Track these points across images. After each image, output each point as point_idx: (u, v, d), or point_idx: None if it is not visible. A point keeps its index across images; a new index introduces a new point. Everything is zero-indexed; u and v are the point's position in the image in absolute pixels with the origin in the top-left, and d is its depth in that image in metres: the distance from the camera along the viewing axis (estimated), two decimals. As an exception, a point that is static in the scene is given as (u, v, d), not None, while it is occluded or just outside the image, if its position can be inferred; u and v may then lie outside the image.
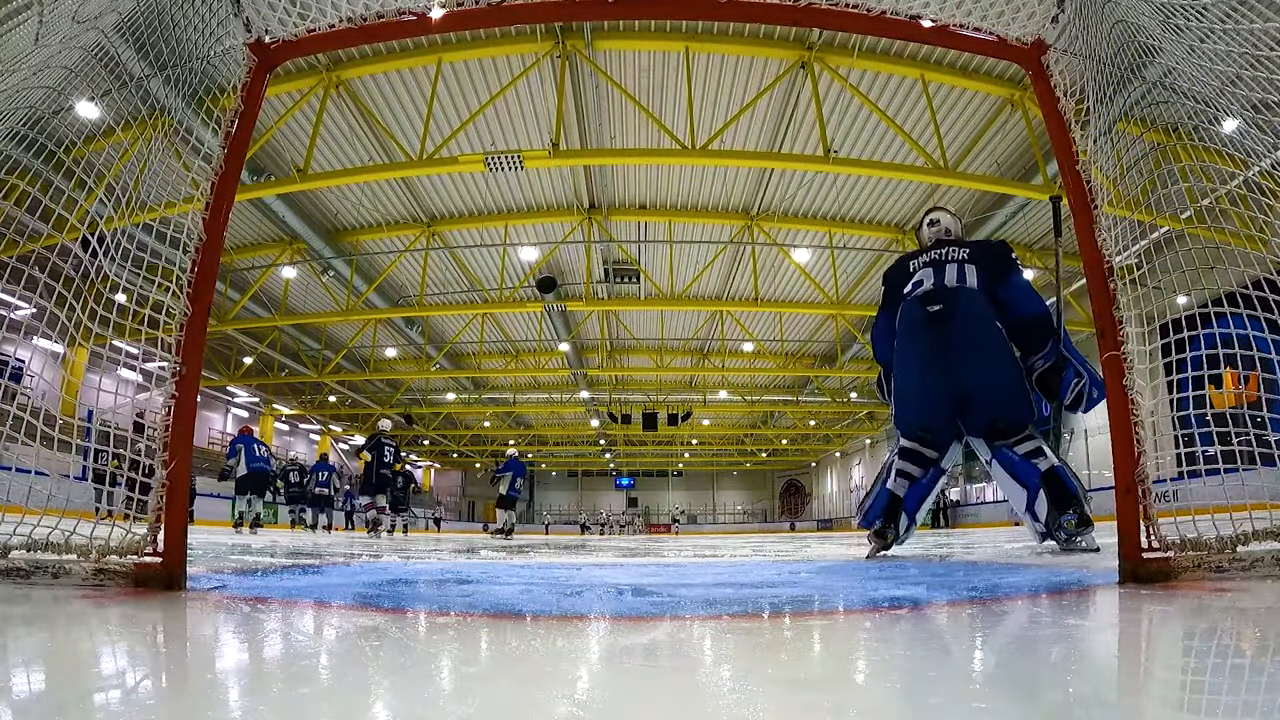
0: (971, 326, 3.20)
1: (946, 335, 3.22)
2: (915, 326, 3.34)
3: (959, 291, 3.29)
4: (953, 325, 3.21)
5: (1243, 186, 2.00)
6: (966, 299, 3.26)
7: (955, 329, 3.21)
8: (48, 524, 1.75)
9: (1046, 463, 3.00)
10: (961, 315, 3.22)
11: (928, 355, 3.29)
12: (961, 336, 3.20)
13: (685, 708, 0.73)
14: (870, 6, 2.16)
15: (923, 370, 3.34)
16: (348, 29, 2.18)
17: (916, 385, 3.41)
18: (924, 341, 3.30)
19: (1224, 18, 1.69)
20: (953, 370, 3.22)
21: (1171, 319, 2.03)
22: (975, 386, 3.19)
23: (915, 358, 3.37)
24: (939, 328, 3.23)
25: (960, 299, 3.26)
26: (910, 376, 3.43)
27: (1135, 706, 0.75)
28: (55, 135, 2.02)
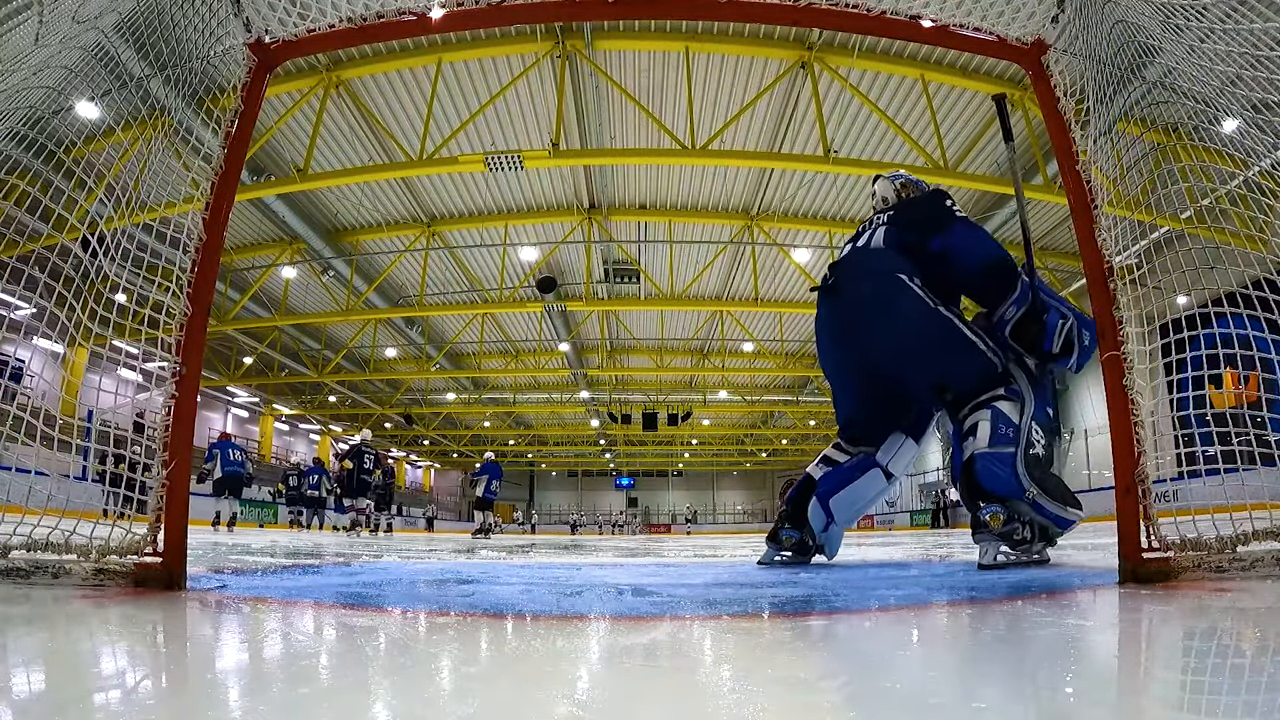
0: (866, 287, 2.73)
1: (836, 305, 2.83)
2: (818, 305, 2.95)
3: (855, 254, 2.89)
4: (845, 293, 2.79)
5: (1243, 186, 2.00)
6: (859, 260, 2.85)
7: (845, 296, 2.79)
8: (48, 524, 1.75)
9: (971, 448, 2.48)
10: (851, 279, 2.79)
11: (824, 337, 2.92)
12: (854, 301, 2.76)
13: (685, 708, 0.73)
14: (870, 6, 2.16)
15: (824, 356, 2.99)
16: (348, 29, 2.18)
17: (828, 370, 3.03)
18: (821, 319, 2.92)
19: (1224, 18, 1.69)
20: (849, 341, 2.81)
21: (1171, 319, 2.03)
22: (885, 358, 2.74)
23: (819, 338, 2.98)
24: (830, 301, 2.86)
25: (853, 261, 2.87)
26: (822, 362, 3.04)
27: (1135, 706, 0.75)
28: (55, 135, 2.02)
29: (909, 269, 2.68)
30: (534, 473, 47.47)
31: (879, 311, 2.69)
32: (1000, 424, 2.45)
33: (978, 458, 2.43)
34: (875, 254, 2.80)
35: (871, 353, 2.76)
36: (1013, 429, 2.45)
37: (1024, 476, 2.39)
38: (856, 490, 2.86)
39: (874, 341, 2.73)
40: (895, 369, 2.77)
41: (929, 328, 2.61)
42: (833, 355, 2.96)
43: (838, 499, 2.84)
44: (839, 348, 2.89)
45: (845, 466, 2.93)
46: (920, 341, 2.64)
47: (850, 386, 2.97)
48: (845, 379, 2.97)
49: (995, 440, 2.42)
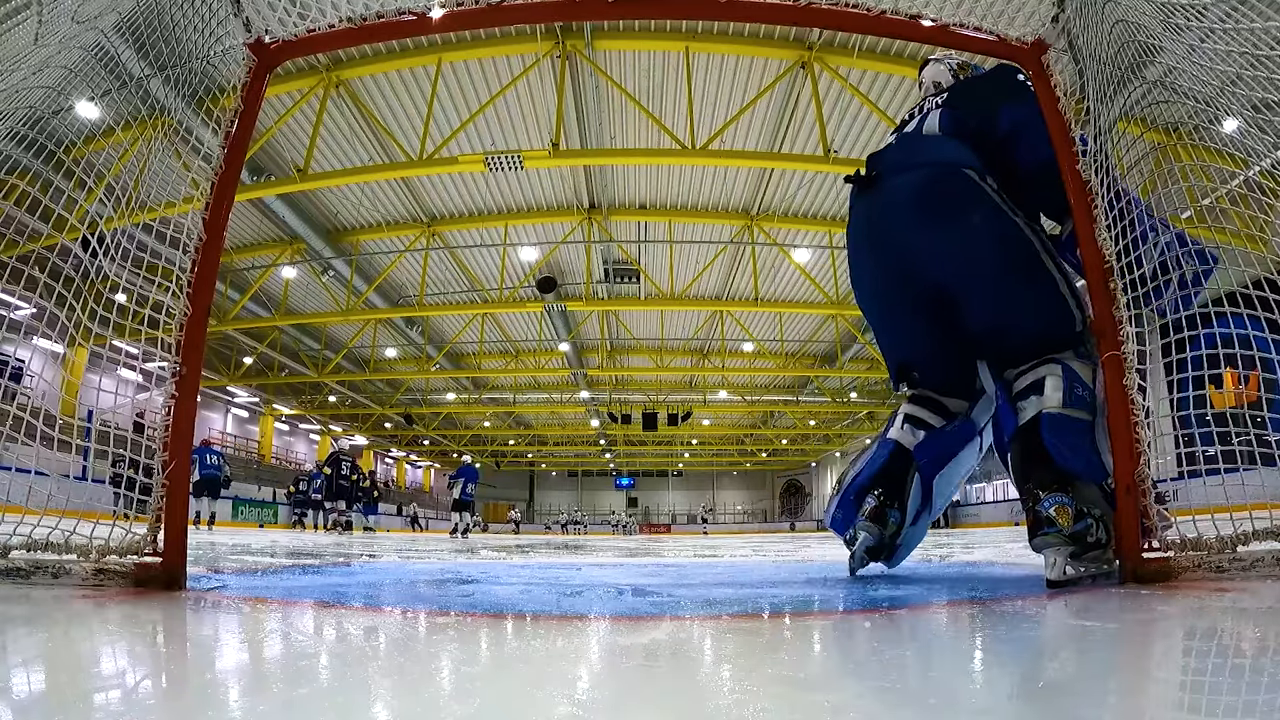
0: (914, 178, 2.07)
1: (875, 205, 2.14)
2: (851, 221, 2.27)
3: (900, 142, 2.28)
4: (885, 190, 2.11)
5: (1243, 186, 2.00)
6: (908, 147, 2.23)
7: (888, 193, 2.11)
8: (48, 524, 1.75)
9: (1036, 406, 1.87)
10: (896, 170, 2.11)
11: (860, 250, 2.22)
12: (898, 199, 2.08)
13: (685, 708, 0.73)
14: (870, 6, 2.16)
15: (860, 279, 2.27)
16: (348, 29, 2.18)
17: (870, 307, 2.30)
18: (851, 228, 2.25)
19: (1224, 17, 1.69)
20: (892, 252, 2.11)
21: (1171, 319, 2.03)
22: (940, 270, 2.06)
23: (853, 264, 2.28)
24: (867, 200, 2.17)
25: (900, 149, 2.23)
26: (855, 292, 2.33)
27: (1135, 706, 0.75)
28: (55, 135, 2.02)
29: (976, 163, 2.03)
30: (534, 473, 47.47)
31: (936, 213, 2.01)
32: (1074, 383, 1.85)
33: (1047, 418, 1.81)
34: (931, 141, 2.17)
35: (926, 264, 2.07)
36: (1088, 391, 1.86)
37: (1107, 455, 1.75)
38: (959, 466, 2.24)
39: (929, 250, 2.05)
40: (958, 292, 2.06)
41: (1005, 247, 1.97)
42: (871, 275, 2.24)
43: (942, 476, 2.19)
44: (878, 263, 2.17)
45: (946, 431, 2.22)
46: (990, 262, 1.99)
47: (901, 321, 2.23)
48: (892, 307, 2.23)
49: (1071, 402, 1.81)
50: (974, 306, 2.06)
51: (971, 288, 2.05)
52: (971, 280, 2.04)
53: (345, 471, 14.64)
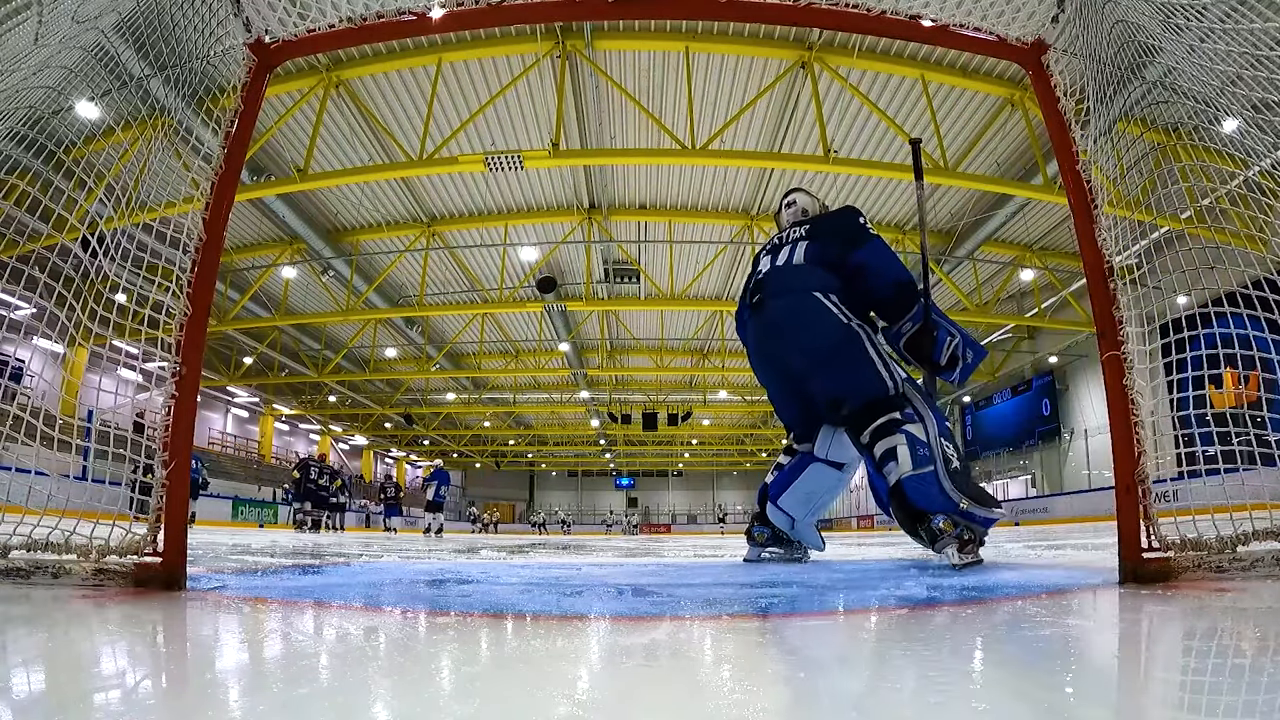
0: (785, 303, 2.95)
1: (765, 320, 3.02)
2: (742, 322, 3.21)
3: (776, 272, 3.06)
4: (767, 309, 3.00)
5: (1243, 186, 2.00)
6: (782, 277, 3.02)
7: (770, 312, 2.99)
8: (48, 524, 1.75)
9: (895, 473, 2.58)
10: (774, 294, 3.00)
11: (754, 345, 3.15)
12: (776, 317, 2.98)
13: (685, 708, 0.73)
14: (870, 6, 2.16)
15: (754, 362, 3.22)
16: (348, 29, 2.18)
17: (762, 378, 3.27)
18: (751, 333, 3.15)
19: (1224, 17, 1.69)
20: (776, 355, 3.04)
21: (1171, 319, 2.03)
22: (800, 366, 2.95)
23: (750, 351, 3.23)
24: (758, 315, 3.05)
25: (775, 279, 3.04)
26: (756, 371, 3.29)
27: (1135, 706, 0.75)
28: (55, 135, 2.02)
29: (827, 284, 2.91)
30: (534, 473, 47.48)
31: (797, 326, 2.92)
32: (916, 446, 2.60)
33: (905, 482, 2.56)
34: (795, 271, 3.00)
35: (790, 363, 2.98)
36: (926, 449, 2.60)
37: (952, 491, 2.53)
38: (801, 487, 3.17)
39: (792, 353, 2.95)
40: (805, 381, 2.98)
41: (838, 339, 2.84)
42: (761, 367, 3.20)
43: (786, 498, 3.18)
44: (765, 360, 3.13)
45: (787, 468, 3.23)
46: (828, 353, 2.86)
47: (782, 393, 3.20)
48: (776, 387, 3.21)
49: (916, 463, 2.57)
50: (820, 386, 2.96)
51: (818, 374, 2.93)
52: (817, 369, 2.92)
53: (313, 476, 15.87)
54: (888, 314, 3.00)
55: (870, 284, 2.93)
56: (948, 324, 2.96)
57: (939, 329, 2.91)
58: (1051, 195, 10.09)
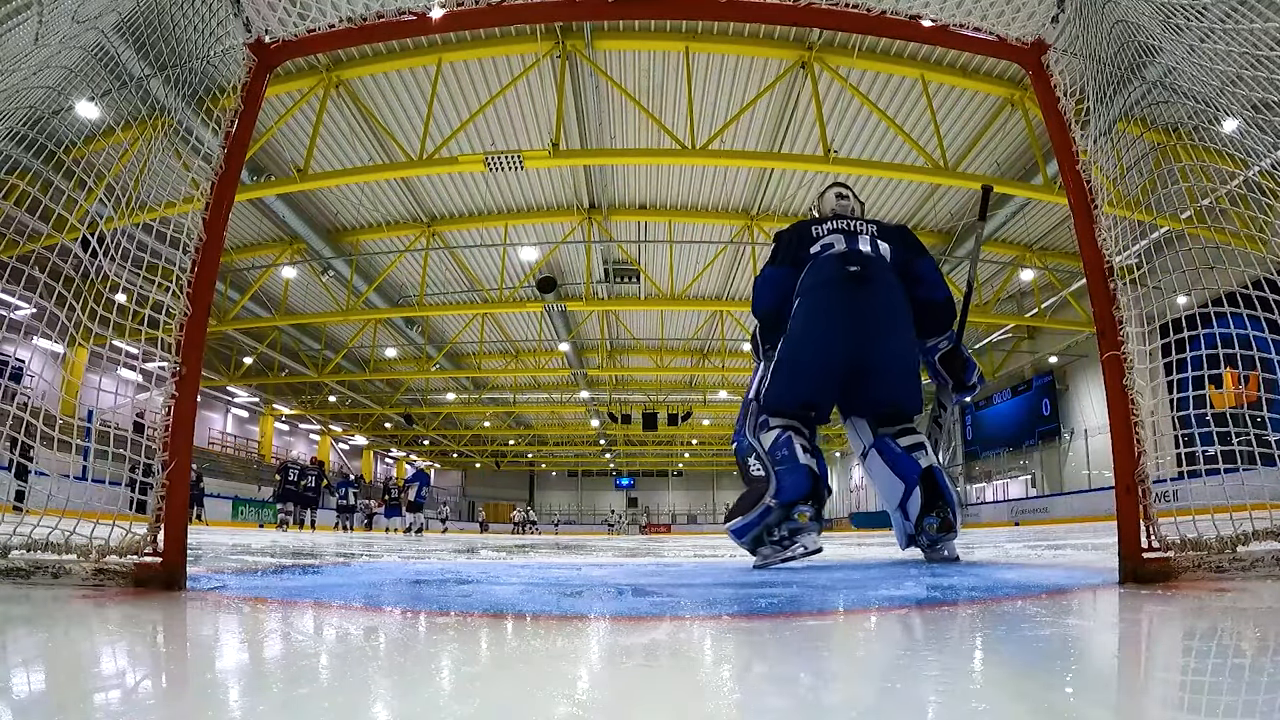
0: (889, 297, 2.97)
1: (864, 299, 2.94)
2: (830, 285, 2.99)
3: (878, 260, 3.05)
4: (872, 290, 2.95)
5: (1243, 186, 2.00)
6: (884, 268, 3.04)
7: (874, 295, 2.95)
8: (48, 524, 1.75)
9: (927, 460, 2.91)
10: (880, 283, 2.98)
11: (840, 317, 2.96)
12: (879, 304, 2.95)
13: (685, 708, 0.73)
14: (870, 6, 2.16)
15: (829, 332, 2.97)
16: (348, 29, 2.18)
17: (817, 350, 3.01)
18: (839, 302, 2.96)
19: (1224, 18, 1.69)
20: (863, 338, 2.92)
21: (1171, 319, 2.03)
22: (880, 361, 2.95)
23: (824, 317, 3.00)
24: (857, 289, 2.94)
25: (879, 266, 3.03)
26: (812, 339, 3.01)
27: (1135, 706, 0.75)
28: (55, 135, 2.02)
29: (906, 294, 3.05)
30: (534, 473, 47.46)
31: (894, 326, 2.96)
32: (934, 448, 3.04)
33: (935, 469, 2.93)
34: (889, 268, 3.04)
35: (870, 355, 2.93)
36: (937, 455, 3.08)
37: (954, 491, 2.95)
38: None
39: (877, 345, 2.93)
40: (875, 375, 2.98)
41: (913, 353, 3.08)
42: (829, 338, 2.97)
43: None
44: (841, 334, 2.94)
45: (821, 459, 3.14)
46: (905, 362, 3.03)
47: (828, 372, 3.02)
48: (829, 364, 3.00)
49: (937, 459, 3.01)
50: (883, 387, 3.02)
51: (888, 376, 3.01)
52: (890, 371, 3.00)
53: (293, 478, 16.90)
54: (930, 327, 3.15)
55: (925, 294, 3.09)
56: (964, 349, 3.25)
57: (967, 352, 3.23)
58: (1051, 195, 10.09)
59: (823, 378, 3.04)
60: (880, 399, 3.04)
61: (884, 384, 2.99)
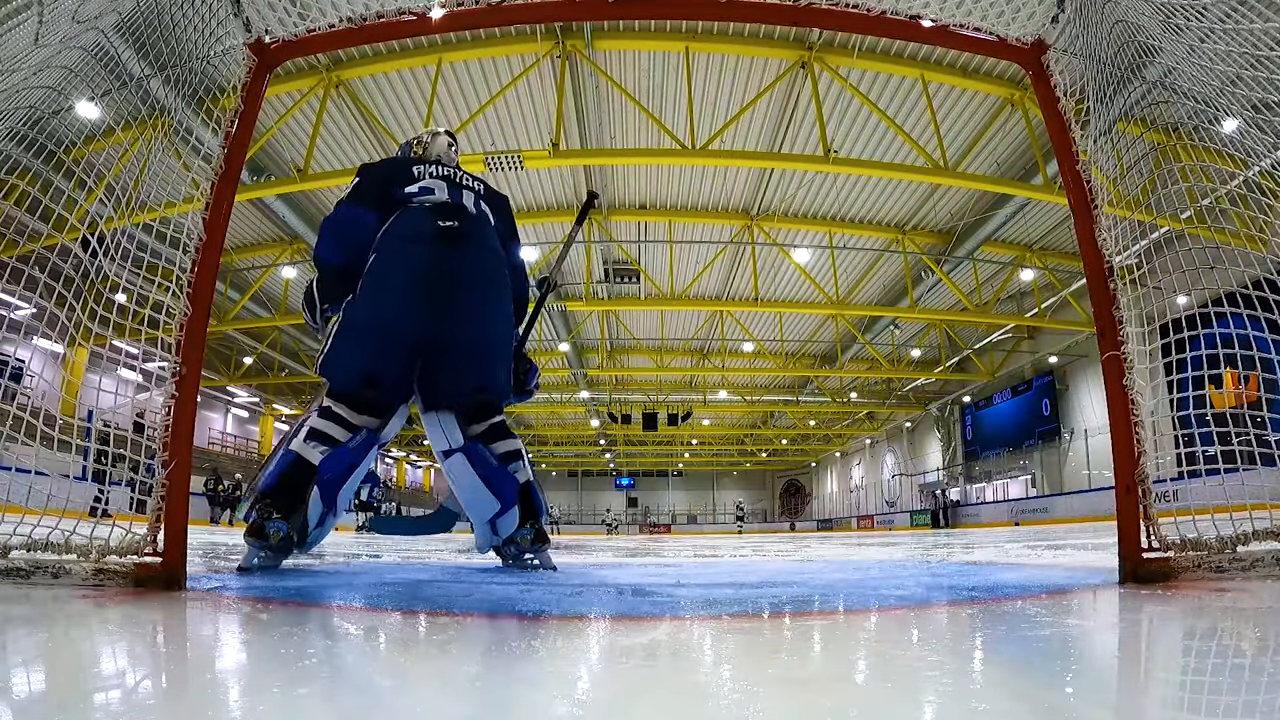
0: (489, 262, 2.57)
1: (457, 261, 2.47)
2: (417, 239, 2.47)
3: (481, 219, 2.63)
4: (468, 250, 2.50)
5: (1243, 186, 2.00)
6: (485, 226, 2.63)
7: (469, 257, 2.50)
8: (48, 524, 1.75)
9: (525, 474, 2.66)
10: (478, 244, 2.55)
11: (423, 277, 2.44)
12: (474, 269, 2.51)
13: (685, 708, 0.73)
14: (870, 6, 2.16)
15: (407, 295, 2.43)
16: (348, 29, 2.18)
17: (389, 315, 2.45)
18: (424, 259, 2.45)
19: (1224, 18, 1.69)
20: (450, 307, 2.45)
21: (1171, 319, 2.03)
22: (468, 337, 2.52)
23: (402, 277, 2.45)
24: (449, 247, 2.46)
25: (480, 225, 2.61)
26: (385, 302, 2.44)
27: (1135, 706, 0.75)
28: (55, 135, 2.02)
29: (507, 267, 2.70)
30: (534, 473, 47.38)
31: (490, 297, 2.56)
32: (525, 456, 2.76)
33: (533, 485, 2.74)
34: (493, 233, 2.67)
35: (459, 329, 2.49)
36: None
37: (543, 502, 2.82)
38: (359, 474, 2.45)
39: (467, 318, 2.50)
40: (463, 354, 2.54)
41: (505, 330, 2.69)
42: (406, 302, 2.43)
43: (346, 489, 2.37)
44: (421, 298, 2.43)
45: (350, 447, 2.41)
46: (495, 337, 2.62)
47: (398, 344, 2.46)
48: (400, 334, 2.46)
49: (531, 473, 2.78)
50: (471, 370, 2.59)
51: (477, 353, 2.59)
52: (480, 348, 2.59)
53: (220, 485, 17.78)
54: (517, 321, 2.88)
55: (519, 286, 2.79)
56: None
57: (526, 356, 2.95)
58: (1051, 195, 10.10)
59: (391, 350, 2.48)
60: (465, 384, 2.57)
61: (472, 366, 2.56)
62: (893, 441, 32.52)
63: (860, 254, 15.01)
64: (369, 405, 2.49)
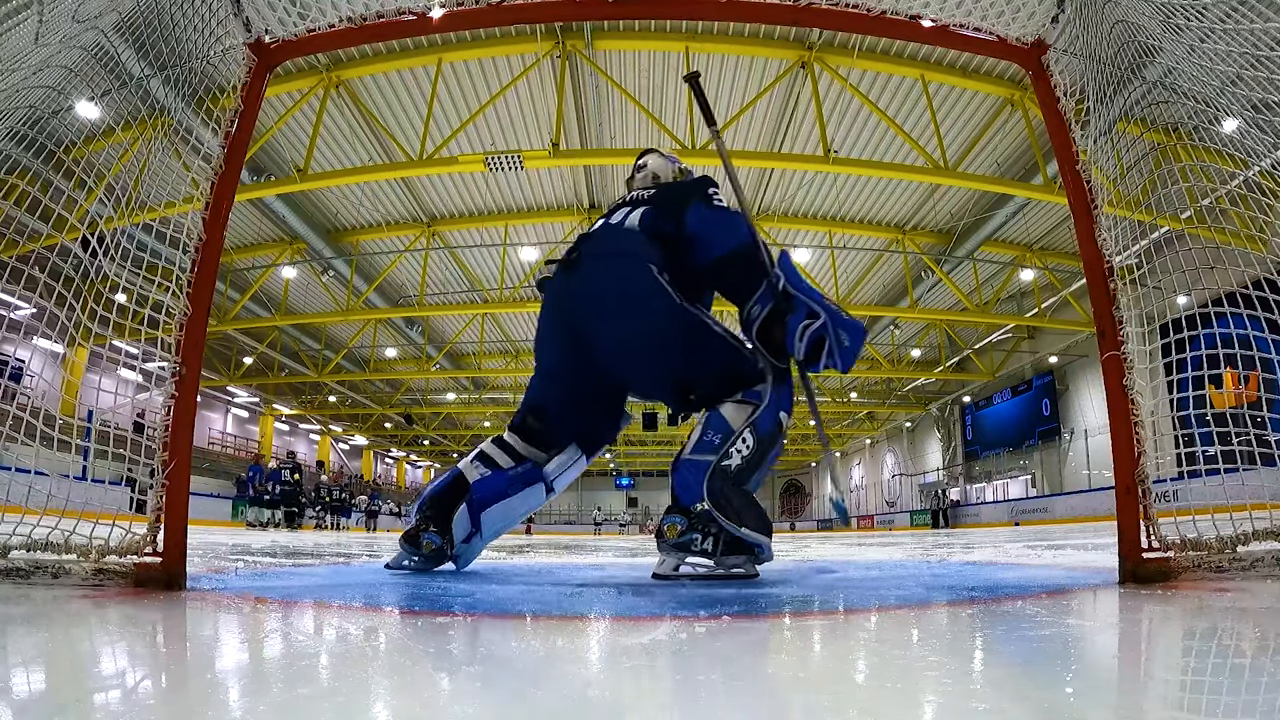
0: (606, 266, 2.38)
1: (570, 283, 2.41)
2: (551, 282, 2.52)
3: (604, 230, 2.52)
4: (580, 270, 2.39)
5: (1243, 186, 2.00)
6: (604, 237, 2.48)
7: (583, 274, 2.39)
8: (48, 524, 1.75)
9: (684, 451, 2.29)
10: (592, 257, 2.41)
11: (551, 311, 2.49)
12: (589, 280, 2.37)
13: (685, 708, 0.73)
14: (870, 6, 2.16)
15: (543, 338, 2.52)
16: (348, 29, 2.18)
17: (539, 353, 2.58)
18: (550, 298, 2.50)
19: (1224, 18, 1.69)
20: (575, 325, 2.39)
21: (1171, 319, 2.03)
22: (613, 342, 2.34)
23: (541, 318, 2.54)
24: (568, 275, 2.42)
25: (601, 241, 2.46)
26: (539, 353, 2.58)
27: (1135, 706, 0.75)
28: (55, 135, 2.02)
29: (659, 260, 2.35)
30: (534, 473, 47.37)
31: (618, 297, 2.32)
32: (710, 430, 2.24)
33: (681, 463, 2.25)
34: (626, 233, 2.44)
35: (599, 342, 2.37)
36: (720, 436, 2.23)
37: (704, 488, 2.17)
38: (513, 505, 2.43)
39: (605, 330, 2.35)
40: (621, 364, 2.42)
41: (671, 324, 2.30)
42: (552, 338, 2.49)
43: (491, 512, 2.40)
44: (559, 332, 2.46)
45: (508, 475, 2.46)
46: (659, 338, 2.32)
47: (559, 376, 2.52)
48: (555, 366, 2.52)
49: (698, 448, 2.23)
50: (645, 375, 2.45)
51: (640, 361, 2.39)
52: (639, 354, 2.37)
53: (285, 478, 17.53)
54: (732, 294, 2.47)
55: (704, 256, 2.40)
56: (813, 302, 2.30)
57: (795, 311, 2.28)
58: (1051, 195, 10.10)
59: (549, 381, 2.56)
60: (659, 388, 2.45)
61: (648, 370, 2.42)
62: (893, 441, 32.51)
63: (860, 254, 15.01)
64: (535, 436, 2.56)
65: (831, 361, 2.27)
